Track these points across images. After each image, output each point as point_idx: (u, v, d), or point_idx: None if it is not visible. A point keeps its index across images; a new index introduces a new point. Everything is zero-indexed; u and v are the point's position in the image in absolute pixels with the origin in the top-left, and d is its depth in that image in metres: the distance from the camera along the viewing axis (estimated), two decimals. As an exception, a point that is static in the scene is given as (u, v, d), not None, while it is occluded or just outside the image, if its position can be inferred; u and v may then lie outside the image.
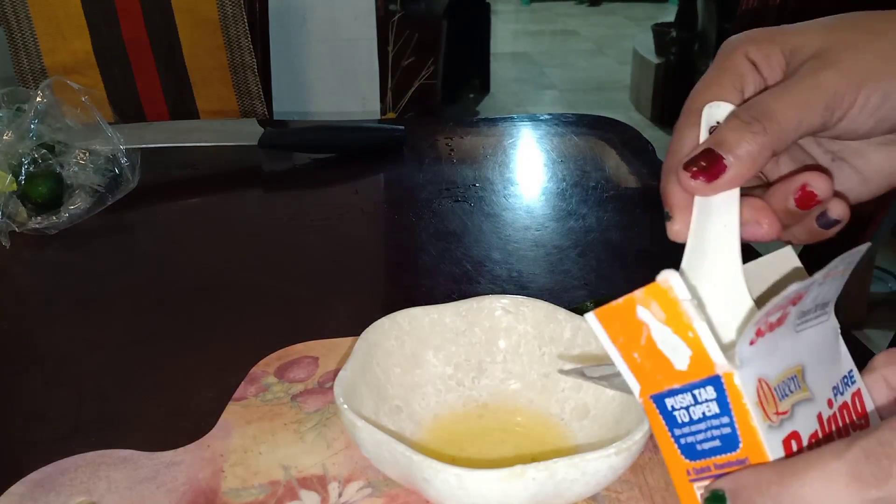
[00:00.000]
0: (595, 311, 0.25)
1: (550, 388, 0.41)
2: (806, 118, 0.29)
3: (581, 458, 0.29)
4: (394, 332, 0.40)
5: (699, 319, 0.23)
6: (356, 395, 0.36)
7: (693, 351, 0.24)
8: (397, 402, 0.39)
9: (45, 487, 0.37)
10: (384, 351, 0.40)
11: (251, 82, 1.15)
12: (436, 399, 0.40)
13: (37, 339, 0.51)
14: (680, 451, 0.26)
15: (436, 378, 0.41)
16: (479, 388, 0.41)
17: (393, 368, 0.40)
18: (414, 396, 0.40)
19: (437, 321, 0.41)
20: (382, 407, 0.38)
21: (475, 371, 0.42)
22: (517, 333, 0.42)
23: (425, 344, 0.41)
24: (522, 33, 5.42)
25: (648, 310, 0.24)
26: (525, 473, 0.29)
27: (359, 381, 0.37)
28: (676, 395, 0.25)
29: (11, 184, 0.64)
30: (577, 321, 0.40)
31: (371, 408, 0.37)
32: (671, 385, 0.25)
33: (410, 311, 0.41)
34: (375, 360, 0.39)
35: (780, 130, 0.29)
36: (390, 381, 0.39)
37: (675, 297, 0.23)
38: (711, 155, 0.29)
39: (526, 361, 0.41)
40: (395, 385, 0.39)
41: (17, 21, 1.06)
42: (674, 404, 0.25)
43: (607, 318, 0.25)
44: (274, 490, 0.37)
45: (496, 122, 0.98)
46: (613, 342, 0.25)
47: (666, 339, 0.24)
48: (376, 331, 0.40)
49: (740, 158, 0.29)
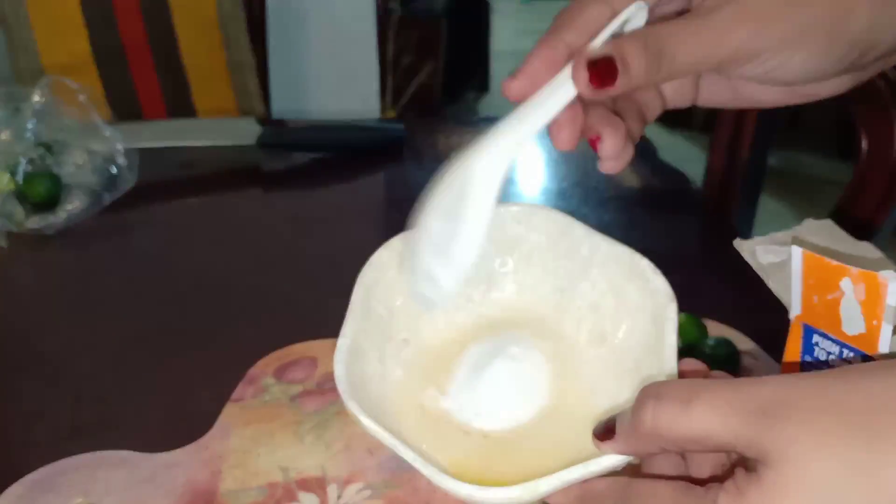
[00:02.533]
0: (804, 253, 0.31)
1: (565, 304, 0.37)
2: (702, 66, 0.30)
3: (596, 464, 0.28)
4: (392, 261, 0.37)
5: (889, 322, 0.28)
6: (358, 355, 0.34)
7: (867, 332, 0.29)
8: (404, 335, 0.37)
9: (43, 488, 0.37)
10: (385, 286, 0.37)
11: (250, 81, 1.15)
12: (444, 320, 0.37)
13: (35, 339, 0.51)
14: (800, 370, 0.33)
15: None
16: (490, 303, 0.38)
17: (395, 300, 0.37)
18: (421, 323, 0.37)
19: None
20: (388, 349, 0.36)
21: (484, 284, 0.38)
22: (528, 244, 0.38)
23: None
24: (523, 32, 5.41)
25: (853, 287, 0.29)
26: (538, 489, 0.28)
27: (359, 336, 0.34)
28: (829, 339, 0.32)
29: (9, 184, 0.64)
30: (597, 239, 0.36)
31: (375, 357, 0.35)
32: (829, 332, 0.31)
33: (405, 235, 0.37)
34: (377, 299, 0.36)
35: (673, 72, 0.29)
36: (395, 315, 0.37)
37: (883, 294, 0.28)
38: (610, 65, 0.28)
39: (539, 274, 0.38)
40: (400, 317, 0.37)
41: (14, 20, 1.06)
42: (819, 342, 0.32)
43: (812, 263, 0.31)
44: (272, 492, 0.36)
45: (496, 121, 0.98)
46: (803, 279, 0.31)
47: (851, 311, 0.30)
48: (371, 268, 0.37)
49: (628, 81, 0.29)
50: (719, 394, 0.24)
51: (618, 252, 0.36)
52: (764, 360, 0.45)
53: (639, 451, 0.27)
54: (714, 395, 0.24)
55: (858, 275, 0.29)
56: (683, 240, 0.67)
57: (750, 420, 0.23)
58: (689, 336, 0.45)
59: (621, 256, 0.36)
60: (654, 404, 0.25)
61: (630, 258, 0.35)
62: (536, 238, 0.38)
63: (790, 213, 2.29)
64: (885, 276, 0.28)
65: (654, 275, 0.34)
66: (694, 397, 0.25)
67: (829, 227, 0.36)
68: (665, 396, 0.25)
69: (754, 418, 0.23)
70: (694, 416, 0.24)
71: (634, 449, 0.27)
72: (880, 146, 0.62)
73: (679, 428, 0.25)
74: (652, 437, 0.26)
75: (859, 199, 0.64)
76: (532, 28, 5.75)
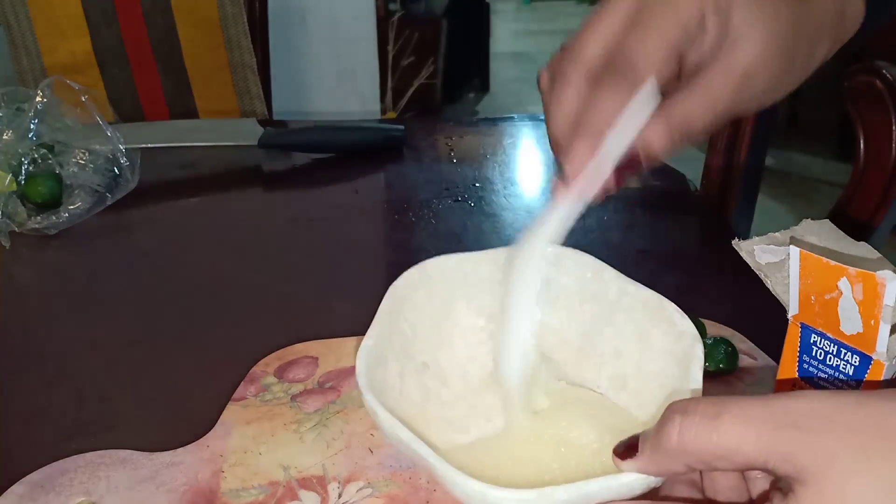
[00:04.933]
0: (802, 252, 0.31)
1: (588, 349, 0.37)
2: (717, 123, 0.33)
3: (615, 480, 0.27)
4: (423, 283, 0.37)
5: (887, 321, 0.29)
6: (381, 362, 0.34)
7: (865, 331, 0.30)
8: (424, 359, 0.37)
9: (44, 487, 0.37)
10: (412, 305, 0.37)
11: (251, 82, 1.15)
12: (465, 353, 0.38)
13: (36, 338, 0.51)
14: (798, 369, 0.34)
15: (466, 330, 0.38)
16: None
17: (421, 322, 0.37)
18: (442, 351, 0.37)
19: (471, 271, 0.38)
20: (408, 366, 0.36)
21: None
22: (557, 286, 0.38)
23: (457, 294, 0.38)
24: (522, 33, 5.41)
25: (851, 286, 0.29)
26: (555, 495, 0.27)
27: (383, 345, 0.34)
28: (827, 338, 0.32)
29: (11, 183, 0.64)
30: (625, 283, 0.37)
31: (395, 370, 0.35)
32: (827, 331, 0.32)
33: (441, 259, 0.38)
34: (403, 316, 0.36)
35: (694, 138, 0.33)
36: (418, 336, 0.37)
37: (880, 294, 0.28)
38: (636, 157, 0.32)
39: (564, 317, 0.38)
40: (423, 340, 0.37)
41: (16, 20, 1.06)
42: (817, 341, 0.33)
43: (809, 262, 0.31)
44: (273, 490, 0.37)
45: (496, 121, 0.98)
46: (801, 278, 0.32)
47: (849, 311, 0.30)
48: (405, 283, 0.37)
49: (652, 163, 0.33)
50: (749, 408, 0.24)
51: (645, 296, 0.36)
52: (762, 359, 0.45)
53: (663, 468, 0.26)
54: (744, 410, 0.24)
55: (856, 275, 0.29)
56: (682, 240, 0.68)
57: (784, 434, 0.23)
58: (687, 336, 0.45)
59: (649, 301, 0.36)
60: (681, 419, 0.24)
61: (658, 302, 0.35)
62: (566, 281, 0.38)
63: (788, 213, 2.29)
64: (883, 275, 0.28)
65: (681, 318, 0.35)
66: (723, 411, 0.24)
67: (828, 227, 0.36)
68: (692, 412, 0.24)
69: (788, 432, 0.23)
70: (723, 430, 0.23)
71: (658, 467, 0.26)
72: (878, 147, 0.62)
73: (707, 443, 0.24)
74: (678, 453, 0.25)
75: (857, 200, 0.64)
76: (532, 29, 5.76)
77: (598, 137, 0.32)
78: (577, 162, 0.32)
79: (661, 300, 0.35)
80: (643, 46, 0.32)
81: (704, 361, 0.43)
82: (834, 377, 0.33)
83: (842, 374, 0.32)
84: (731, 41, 0.32)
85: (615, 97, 0.31)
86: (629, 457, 0.26)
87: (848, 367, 0.32)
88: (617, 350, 0.37)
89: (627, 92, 0.31)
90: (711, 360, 0.44)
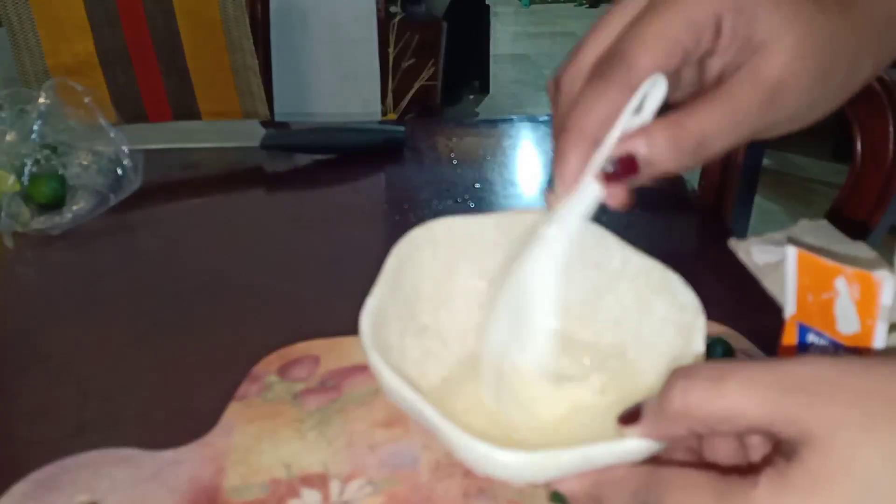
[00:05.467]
0: (799, 252, 0.31)
1: (587, 316, 0.37)
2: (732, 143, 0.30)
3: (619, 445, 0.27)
4: (429, 243, 0.37)
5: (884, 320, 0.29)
6: (383, 321, 0.34)
7: (861, 331, 0.29)
8: (425, 320, 0.36)
9: (47, 486, 0.37)
10: (416, 265, 0.37)
11: (253, 84, 1.15)
12: (466, 315, 0.37)
13: (40, 338, 0.51)
14: None
15: (468, 292, 0.38)
16: None
17: (424, 282, 0.37)
18: (443, 312, 0.37)
19: (475, 233, 0.38)
20: (409, 326, 0.36)
21: None
22: None
23: (460, 256, 0.38)
24: (522, 35, 5.42)
25: (847, 286, 0.29)
26: (560, 458, 0.27)
27: (387, 304, 0.34)
28: (823, 338, 0.32)
29: (15, 184, 0.65)
30: (629, 252, 0.36)
31: (397, 330, 0.35)
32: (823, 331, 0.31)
33: (447, 221, 0.37)
34: (406, 276, 0.36)
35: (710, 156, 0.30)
36: (420, 296, 0.36)
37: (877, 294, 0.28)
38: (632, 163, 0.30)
39: (564, 283, 0.37)
40: (425, 300, 0.37)
41: (19, 22, 1.07)
42: (814, 341, 0.32)
43: (806, 263, 0.31)
44: (275, 488, 0.37)
45: (496, 123, 0.98)
46: (798, 278, 0.31)
47: (846, 311, 0.30)
48: (409, 243, 0.36)
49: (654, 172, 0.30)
50: (754, 372, 0.23)
51: (648, 266, 0.36)
52: (760, 358, 0.46)
53: (666, 432, 0.26)
54: (749, 373, 0.23)
55: (853, 275, 0.29)
56: (679, 240, 0.68)
57: (789, 397, 0.23)
58: (686, 335, 0.45)
59: (652, 270, 0.35)
60: (685, 383, 0.24)
61: (661, 272, 0.35)
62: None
63: (785, 213, 2.29)
64: (880, 275, 0.28)
65: (684, 289, 0.34)
66: (728, 375, 0.24)
67: (824, 227, 0.36)
68: (696, 376, 0.24)
69: (794, 395, 0.23)
70: (727, 393, 0.23)
71: (662, 431, 0.26)
72: (876, 147, 0.62)
73: (711, 406, 0.24)
74: (681, 416, 0.24)
75: (854, 200, 0.64)
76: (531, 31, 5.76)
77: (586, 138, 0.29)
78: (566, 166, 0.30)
79: (665, 270, 0.35)
80: (638, 39, 0.29)
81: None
82: None
83: None
84: (757, 47, 0.29)
85: (604, 94, 0.29)
86: (633, 422, 0.26)
87: None
88: (617, 318, 0.36)
89: (618, 87, 0.29)
90: (709, 359, 0.44)
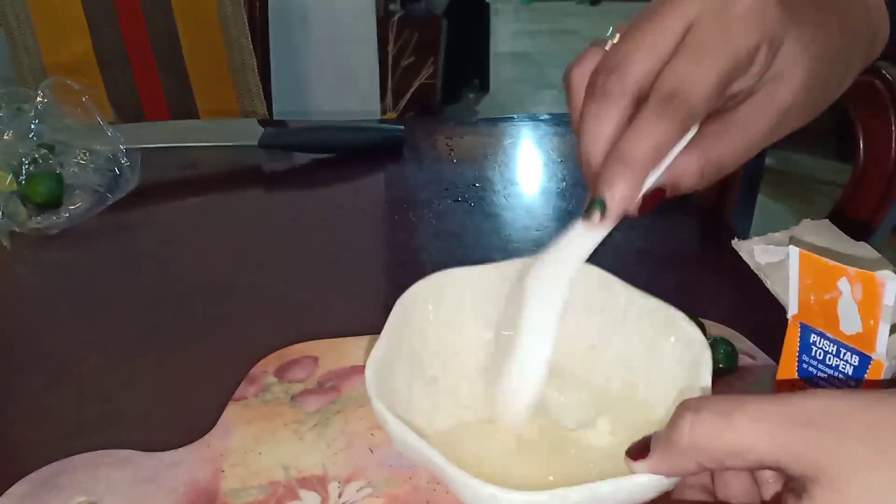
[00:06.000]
0: (801, 252, 0.31)
1: (596, 360, 0.37)
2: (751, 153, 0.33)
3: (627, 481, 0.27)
4: (431, 295, 0.37)
5: (887, 321, 0.29)
6: (389, 373, 0.34)
7: (864, 331, 0.30)
8: (433, 373, 0.37)
9: (45, 487, 0.37)
10: (420, 316, 0.37)
11: (251, 82, 1.15)
12: (474, 366, 0.38)
13: (37, 339, 0.51)
14: (797, 369, 0.34)
15: (475, 343, 0.38)
16: None
17: (429, 335, 0.37)
18: (451, 365, 0.37)
19: (477, 283, 0.38)
20: (417, 379, 0.36)
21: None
22: None
23: (464, 307, 0.38)
24: (522, 33, 5.42)
25: (850, 286, 0.30)
26: (567, 497, 0.27)
27: (392, 358, 0.34)
28: (826, 338, 0.32)
29: (12, 184, 0.64)
30: (634, 293, 0.37)
31: (404, 383, 0.35)
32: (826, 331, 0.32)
33: (449, 272, 0.38)
34: (410, 328, 0.36)
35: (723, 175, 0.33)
36: (426, 349, 0.37)
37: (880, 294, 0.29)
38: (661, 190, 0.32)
39: (573, 330, 0.38)
40: (432, 353, 0.37)
41: (17, 21, 1.06)
42: (817, 341, 0.33)
43: (808, 262, 0.31)
44: (274, 490, 0.37)
45: (496, 122, 0.98)
46: (801, 278, 0.32)
47: (849, 311, 0.30)
48: (412, 296, 0.37)
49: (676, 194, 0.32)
50: (763, 406, 0.23)
51: (652, 306, 0.36)
52: (762, 359, 0.45)
53: (674, 468, 0.26)
54: (758, 407, 0.23)
55: (856, 275, 0.29)
56: (682, 240, 0.68)
57: (798, 432, 0.22)
58: (687, 336, 0.45)
59: (656, 310, 0.36)
60: (693, 417, 0.24)
61: (666, 311, 0.36)
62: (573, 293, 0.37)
63: (787, 213, 2.29)
64: (883, 276, 0.29)
65: (689, 326, 0.35)
66: (737, 408, 0.23)
67: (827, 227, 0.36)
68: (705, 409, 0.24)
69: (803, 430, 0.22)
70: (737, 427, 0.23)
71: (670, 466, 0.26)
72: (878, 147, 0.62)
73: (720, 441, 0.24)
74: (690, 450, 0.24)
75: (857, 200, 0.64)
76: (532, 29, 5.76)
77: (643, 172, 0.30)
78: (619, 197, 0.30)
79: (669, 308, 0.36)
80: (697, 76, 0.29)
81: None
82: (833, 377, 0.33)
83: (841, 373, 0.32)
84: (774, 77, 0.31)
85: (665, 129, 0.29)
86: (641, 457, 0.26)
87: (847, 366, 0.32)
88: (626, 360, 0.37)
89: (679, 124, 0.30)
90: (711, 359, 0.44)
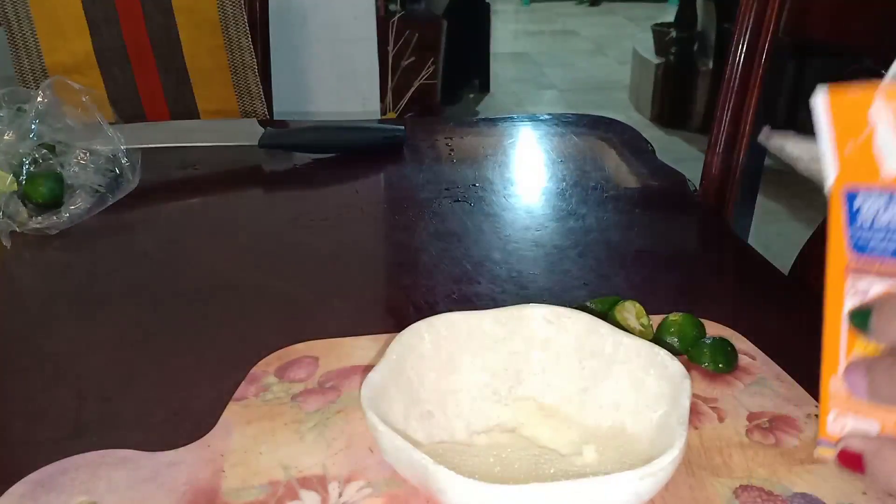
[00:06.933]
0: (830, 92, 0.27)
1: (588, 403, 0.39)
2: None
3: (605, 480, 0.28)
4: (430, 336, 0.40)
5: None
6: (385, 398, 0.35)
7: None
8: (429, 408, 0.38)
9: (45, 487, 0.37)
10: (419, 354, 0.39)
11: (251, 82, 1.15)
12: (470, 407, 0.40)
13: (37, 338, 0.51)
14: (849, 246, 0.29)
15: (471, 385, 0.40)
16: (515, 399, 0.40)
17: (427, 373, 0.39)
18: (447, 403, 0.39)
19: (475, 327, 0.40)
20: (413, 412, 0.37)
21: (512, 381, 0.41)
22: (557, 345, 0.41)
23: (462, 349, 0.40)
24: (522, 33, 5.42)
25: (885, 109, 0.26)
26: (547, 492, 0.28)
27: (389, 384, 0.36)
28: (872, 195, 0.28)
29: (12, 184, 0.64)
30: (620, 336, 0.39)
31: (400, 411, 0.37)
32: (871, 182, 0.27)
33: (449, 316, 0.40)
34: (409, 364, 0.38)
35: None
36: (423, 385, 0.39)
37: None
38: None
39: (565, 375, 0.40)
40: (429, 390, 0.39)
41: (17, 21, 1.06)
42: (862, 204, 0.28)
43: (838, 102, 0.27)
44: (274, 490, 0.37)
45: (496, 122, 0.98)
46: (834, 126, 0.28)
47: (888, 141, 0.26)
48: (412, 334, 0.39)
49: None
50: None
51: (637, 345, 0.38)
52: (761, 359, 0.45)
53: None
54: None
55: (889, 92, 0.25)
56: (681, 240, 0.68)
57: None
58: (687, 335, 0.45)
59: (641, 349, 0.38)
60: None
61: (649, 350, 0.38)
62: (565, 339, 0.40)
63: (787, 213, 2.29)
64: None
65: (671, 361, 0.37)
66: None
67: None
68: None
69: None
70: None
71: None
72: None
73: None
74: None
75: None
76: (532, 29, 5.75)
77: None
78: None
79: (652, 347, 0.38)
80: None
81: (704, 361, 0.44)
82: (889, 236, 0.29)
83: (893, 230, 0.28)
84: None
85: None
86: None
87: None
88: (616, 402, 0.39)
89: None
90: (711, 360, 0.44)
